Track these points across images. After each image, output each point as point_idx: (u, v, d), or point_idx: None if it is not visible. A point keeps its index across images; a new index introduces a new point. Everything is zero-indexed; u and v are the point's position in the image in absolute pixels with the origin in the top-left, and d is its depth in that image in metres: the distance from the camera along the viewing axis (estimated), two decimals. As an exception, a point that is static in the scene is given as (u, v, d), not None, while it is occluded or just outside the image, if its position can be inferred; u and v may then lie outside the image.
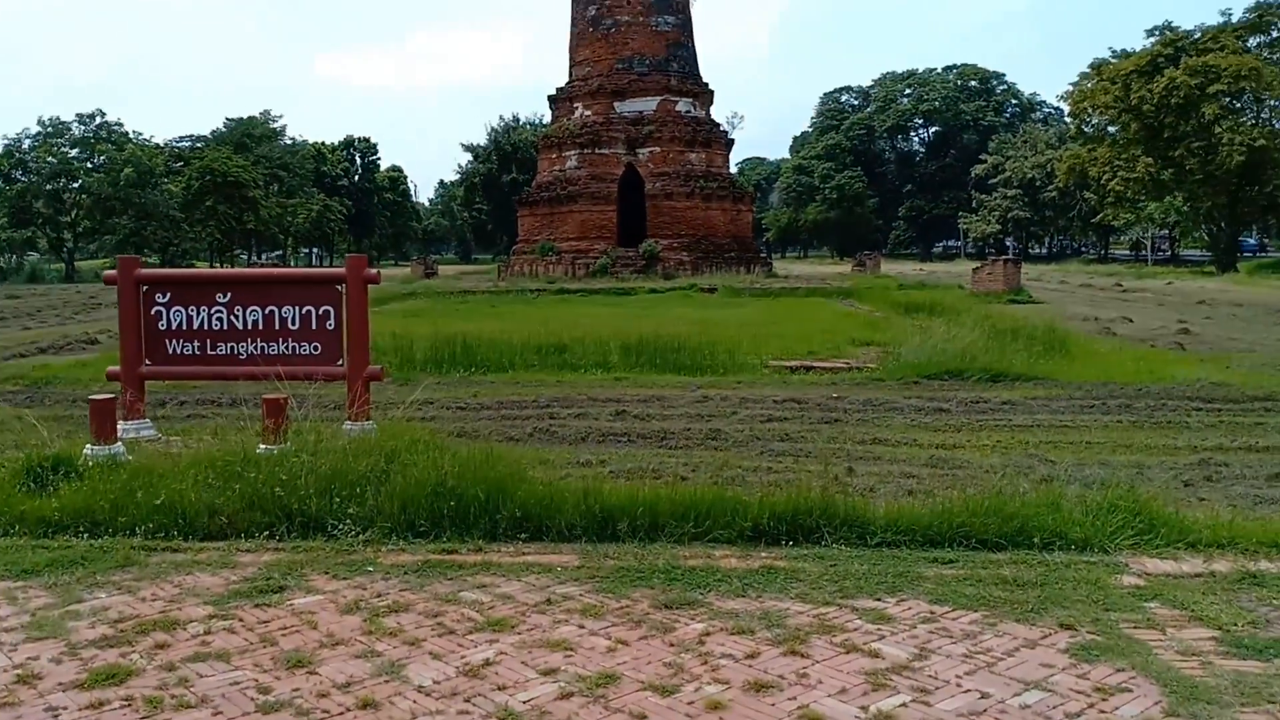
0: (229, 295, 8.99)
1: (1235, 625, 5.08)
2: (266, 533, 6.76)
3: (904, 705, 4.29)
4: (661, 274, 40.54)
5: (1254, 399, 13.03)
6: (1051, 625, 5.20)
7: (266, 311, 8.97)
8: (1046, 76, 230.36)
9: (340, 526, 6.75)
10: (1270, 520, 6.72)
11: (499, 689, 4.48)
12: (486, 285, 39.09)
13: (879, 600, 5.61)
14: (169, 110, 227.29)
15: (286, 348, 8.97)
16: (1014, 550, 6.43)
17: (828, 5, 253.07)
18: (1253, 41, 66.34)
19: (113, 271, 9.07)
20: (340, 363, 8.99)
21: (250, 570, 6.18)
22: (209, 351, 9.00)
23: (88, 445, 7.97)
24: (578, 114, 46.90)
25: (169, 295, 8.99)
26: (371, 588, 5.86)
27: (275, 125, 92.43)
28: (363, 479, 7.01)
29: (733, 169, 52.74)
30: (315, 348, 8.98)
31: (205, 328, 8.99)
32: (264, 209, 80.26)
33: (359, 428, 8.57)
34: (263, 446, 7.71)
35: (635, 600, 5.62)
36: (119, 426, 8.90)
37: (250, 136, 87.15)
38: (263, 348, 8.97)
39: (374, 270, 9.14)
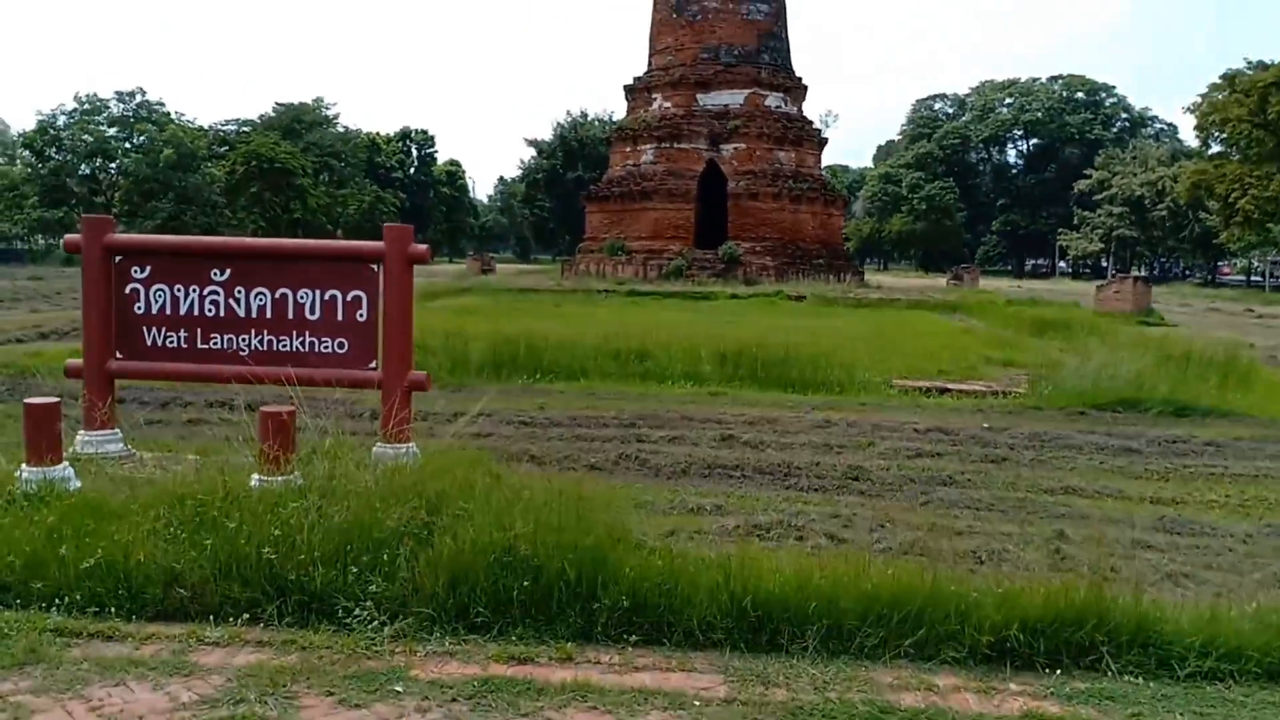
0: (228, 273, 6.99)
1: None
2: (247, 615, 4.72)
3: None
4: (742, 279, 38.33)
5: None
6: None
7: (277, 295, 6.96)
8: (1158, 90, 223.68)
9: (357, 611, 4.69)
10: None
11: None
12: (549, 284, 37.13)
13: (1260, 805, 3.41)
14: (217, 94, 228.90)
15: (302, 343, 6.95)
16: None
17: (919, 9, 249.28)
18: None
19: (76, 236, 7.13)
20: (373, 365, 6.96)
21: (213, 683, 4.13)
22: (199, 344, 6.99)
23: (22, 465, 6.01)
24: (656, 105, 44.79)
25: (149, 270, 7.01)
26: (399, 728, 3.79)
27: (328, 112, 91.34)
28: (394, 538, 4.95)
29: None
30: (341, 344, 6.96)
31: (196, 313, 7.00)
32: (312, 198, 78.86)
33: (395, 452, 6.55)
34: (257, 478, 5.69)
35: (839, 782, 3.48)
36: (79, 438, 6.98)
37: (300, 122, 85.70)
38: (270, 342, 6.96)
39: (422, 245, 7.10)
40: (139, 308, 7.01)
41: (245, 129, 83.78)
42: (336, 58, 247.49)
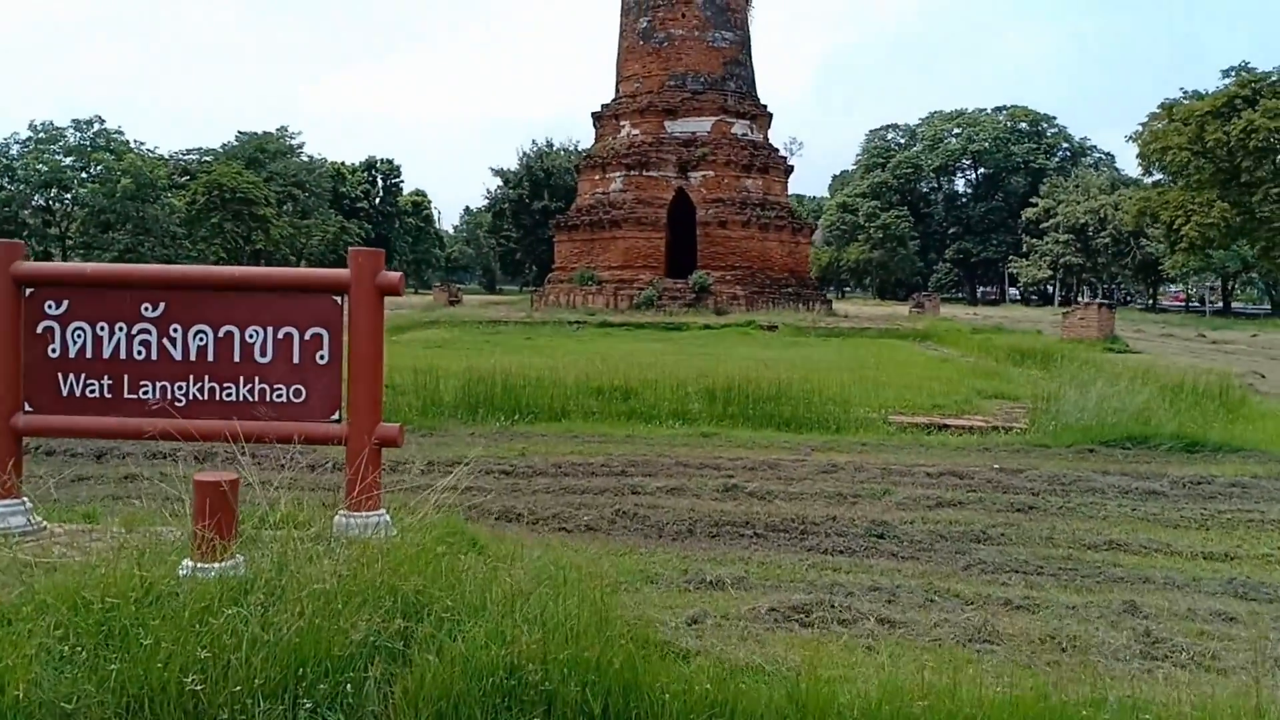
0: (161, 307, 5.69)
1: None
2: (161, 772, 3.44)
3: None
4: (713, 308, 37.26)
5: None
6: None
7: (221, 334, 5.66)
8: (1096, 121, 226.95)
9: (311, 764, 3.43)
10: None
11: None
12: (519, 315, 35.84)
13: None
14: (181, 125, 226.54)
15: (250, 391, 5.65)
16: None
17: (869, 43, 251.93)
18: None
19: (-25, 265, 5.82)
20: (335, 417, 5.68)
21: None
22: (126, 394, 5.66)
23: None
24: (624, 133, 43.76)
25: (66, 304, 5.70)
26: None
27: (292, 142, 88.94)
28: (361, 655, 3.69)
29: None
30: (297, 392, 5.66)
31: (123, 356, 5.68)
32: (275, 229, 76.43)
33: (362, 523, 5.31)
34: (187, 565, 4.42)
35: None
36: (-22, 510, 5.64)
37: (264, 152, 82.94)
38: (212, 390, 5.65)
39: (394, 273, 5.84)
40: (53, 350, 5.68)
41: (207, 158, 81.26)
42: (301, 86, 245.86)
